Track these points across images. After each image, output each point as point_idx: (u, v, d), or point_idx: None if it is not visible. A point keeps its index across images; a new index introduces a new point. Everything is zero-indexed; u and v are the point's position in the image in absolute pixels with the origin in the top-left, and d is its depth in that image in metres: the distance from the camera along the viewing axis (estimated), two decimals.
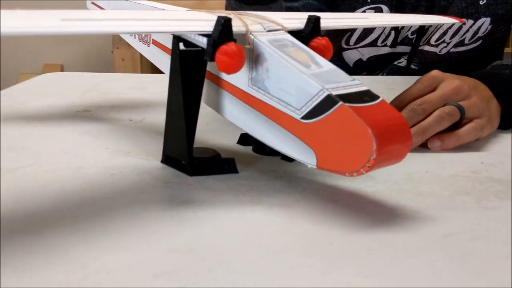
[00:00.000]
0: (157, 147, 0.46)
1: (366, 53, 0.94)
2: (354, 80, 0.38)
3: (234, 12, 0.44)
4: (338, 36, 0.93)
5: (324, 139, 0.36)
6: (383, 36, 0.87)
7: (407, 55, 0.92)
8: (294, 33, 0.44)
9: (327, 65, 0.39)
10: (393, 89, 0.81)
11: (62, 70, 2.28)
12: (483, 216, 0.36)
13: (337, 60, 0.99)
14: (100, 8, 0.62)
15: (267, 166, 0.45)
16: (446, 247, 0.32)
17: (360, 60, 0.97)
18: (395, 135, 0.34)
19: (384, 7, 0.88)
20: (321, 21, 0.46)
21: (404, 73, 0.94)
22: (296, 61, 0.38)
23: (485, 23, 0.86)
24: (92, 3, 0.63)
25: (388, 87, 0.82)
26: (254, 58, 0.40)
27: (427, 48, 0.92)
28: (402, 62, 0.94)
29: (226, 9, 0.84)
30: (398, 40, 0.88)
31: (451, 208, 0.37)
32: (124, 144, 0.50)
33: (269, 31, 0.42)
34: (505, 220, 0.35)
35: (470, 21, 0.87)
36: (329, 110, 0.35)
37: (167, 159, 0.44)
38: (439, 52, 0.92)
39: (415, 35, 0.88)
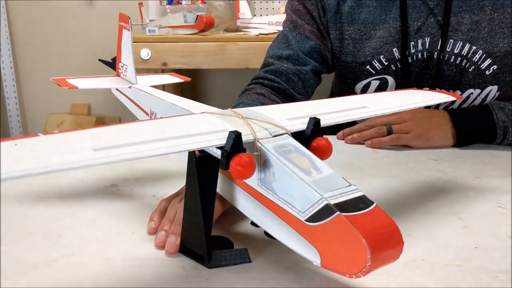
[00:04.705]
0: None
1: None
2: (350, 185, 0.42)
3: (242, 114, 0.50)
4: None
5: (326, 242, 0.40)
6: None
7: None
8: (297, 133, 0.49)
9: (326, 170, 0.44)
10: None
11: (89, 110, 2.38)
12: None
13: None
14: (125, 95, 0.69)
15: (277, 254, 0.49)
16: None
17: None
18: (387, 242, 0.39)
19: (389, 78, 0.92)
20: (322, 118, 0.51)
21: None
22: (298, 169, 0.43)
23: (492, 90, 0.90)
24: (117, 89, 0.70)
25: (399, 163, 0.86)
26: (262, 162, 0.45)
27: None
28: None
29: None
30: None
31: None
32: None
33: (274, 136, 0.47)
34: None
35: (478, 90, 0.90)
36: (328, 217, 0.40)
37: (185, 250, 0.49)
38: None
39: None
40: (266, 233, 0.54)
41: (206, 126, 0.47)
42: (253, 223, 0.56)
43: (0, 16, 2.24)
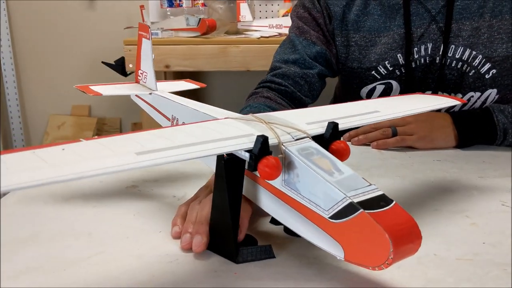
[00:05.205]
0: None
1: None
2: (370, 185, 0.46)
3: (264, 119, 0.53)
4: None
5: (350, 237, 0.43)
6: None
7: None
8: (316, 137, 0.52)
9: (346, 171, 0.47)
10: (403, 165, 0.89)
11: (90, 111, 2.40)
12: None
13: None
14: (144, 101, 0.71)
15: (298, 250, 0.52)
16: None
17: None
18: (407, 237, 0.42)
19: (394, 83, 0.96)
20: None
21: None
22: (321, 170, 0.46)
23: (492, 93, 0.94)
24: (136, 95, 0.73)
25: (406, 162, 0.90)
26: (286, 164, 0.48)
27: None
28: None
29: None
30: None
31: None
32: None
33: (297, 139, 0.50)
34: None
35: (478, 93, 0.94)
36: (352, 215, 0.43)
37: (212, 246, 0.52)
38: None
39: None
40: (286, 231, 0.57)
41: (234, 131, 0.50)
42: (272, 222, 0.59)
43: (1, 18, 2.26)
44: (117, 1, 2.26)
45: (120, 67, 1.86)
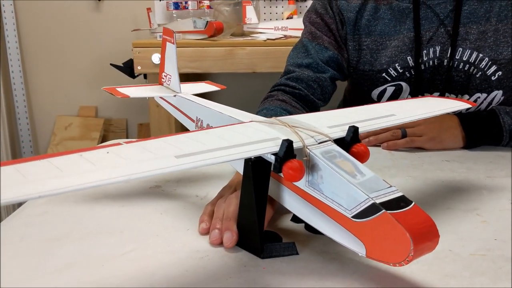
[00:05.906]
0: None
1: None
2: (390, 187, 0.49)
3: (288, 123, 0.56)
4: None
5: (371, 236, 0.46)
6: None
7: None
8: (338, 140, 0.55)
9: (368, 173, 0.50)
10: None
11: (96, 112, 2.43)
12: None
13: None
14: (169, 102, 0.74)
15: (320, 247, 0.55)
16: None
17: None
18: (426, 235, 0.45)
19: (404, 84, 0.99)
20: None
21: None
22: (344, 172, 0.49)
23: (498, 94, 0.97)
24: (160, 97, 0.76)
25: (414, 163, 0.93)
26: (310, 166, 0.51)
27: None
28: None
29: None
30: None
31: None
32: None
33: (320, 143, 0.53)
34: None
35: (484, 95, 0.97)
36: (374, 215, 0.46)
37: (239, 242, 0.55)
38: None
39: None
40: (307, 228, 0.60)
41: (260, 135, 0.53)
42: (293, 219, 0.62)
43: (9, 19, 2.29)
44: (123, 1, 2.29)
45: (128, 69, 1.89)
